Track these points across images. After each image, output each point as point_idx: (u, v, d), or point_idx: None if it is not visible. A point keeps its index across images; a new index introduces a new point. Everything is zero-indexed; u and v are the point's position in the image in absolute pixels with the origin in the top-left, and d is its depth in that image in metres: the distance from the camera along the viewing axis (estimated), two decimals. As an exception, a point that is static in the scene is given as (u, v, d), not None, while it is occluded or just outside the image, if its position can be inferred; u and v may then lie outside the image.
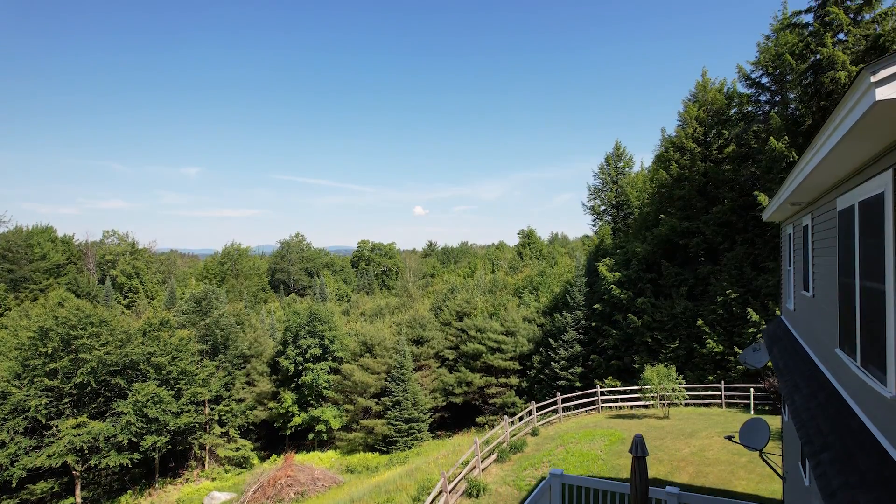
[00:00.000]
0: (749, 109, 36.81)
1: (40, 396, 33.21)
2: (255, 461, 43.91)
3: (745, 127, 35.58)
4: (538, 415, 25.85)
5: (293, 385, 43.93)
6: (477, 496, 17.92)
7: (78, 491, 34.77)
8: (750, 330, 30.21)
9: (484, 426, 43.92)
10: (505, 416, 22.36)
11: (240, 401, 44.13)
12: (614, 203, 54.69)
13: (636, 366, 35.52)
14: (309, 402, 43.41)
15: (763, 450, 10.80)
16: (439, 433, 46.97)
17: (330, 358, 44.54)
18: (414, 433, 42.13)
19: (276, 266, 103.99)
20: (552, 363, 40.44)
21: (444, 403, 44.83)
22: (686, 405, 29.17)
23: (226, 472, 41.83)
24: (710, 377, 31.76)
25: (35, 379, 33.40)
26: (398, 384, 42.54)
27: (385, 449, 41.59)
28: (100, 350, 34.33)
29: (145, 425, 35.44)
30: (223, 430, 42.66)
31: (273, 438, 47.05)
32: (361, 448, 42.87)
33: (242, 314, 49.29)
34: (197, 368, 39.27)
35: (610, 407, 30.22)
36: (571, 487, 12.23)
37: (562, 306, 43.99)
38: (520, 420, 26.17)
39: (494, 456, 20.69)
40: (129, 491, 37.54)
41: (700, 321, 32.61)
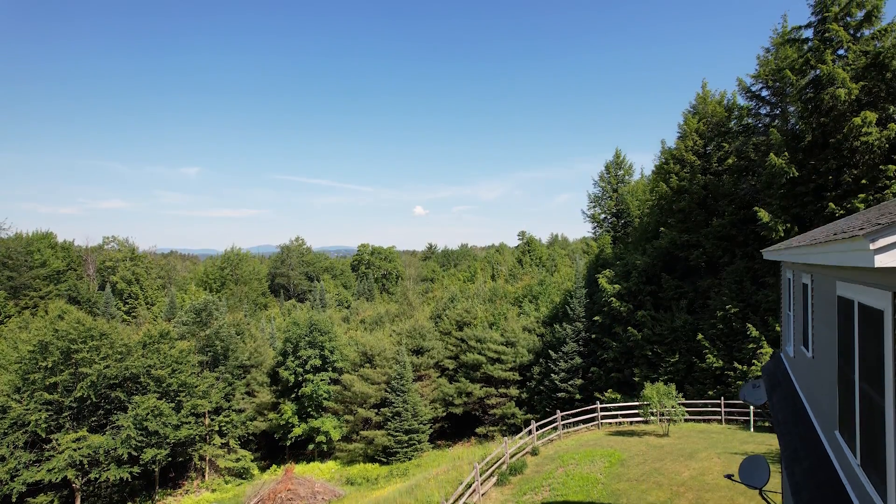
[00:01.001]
0: (749, 122, 36.79)
1: (40, 410, 33.21)
2: (256, 472, 43.91)
3: (745, 140, 35.58)
4: (538, 433, 25.84)
5: (293, 396, 43.93)
6: (477, 522, 17.95)
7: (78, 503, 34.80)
8: (750, 346, 30.22)
9: (484, 437, 43.94)
10: (505, 438, 22.35)
11: (240, 411, 44.11)
12: (614, 211, 54.70)
13: (636, 379, 35.52)
14: (309, 413, 43.40)
15: (763, 488, 10.84)
16: (439, 443, 46.98)
17: (330, 368, 44.53)
18: (414, 444, 42.12)
19: (277, 270, 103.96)
20: (552, 375, 40.44)
21: (444, 414, 44.83)
22: (686, 420, 29.17)
23: (226, 483, 41.82)
24: (710, 392, 31.76)
25: (35, 393, 33.40)
26: (398, 395, 42.53)
27: (385, 460, 41.58)
28: (100, 364, 34.34)
29: (145, 438, 35.44)
30: (223, 441, 42.64)
31: (273, 448, 47.04)
32: (361, 459, 42.86)
33: (242, 323, 49.27)
34: (197, 380, 39.26)
35: (610, 423, 30.23)
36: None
37: (562, 317, 43.99)
38: (519, 436, 26.17)
39: (494, 479, 20.69)
40: (130, 503, 37.55)
41: (700, 335, 32.61)
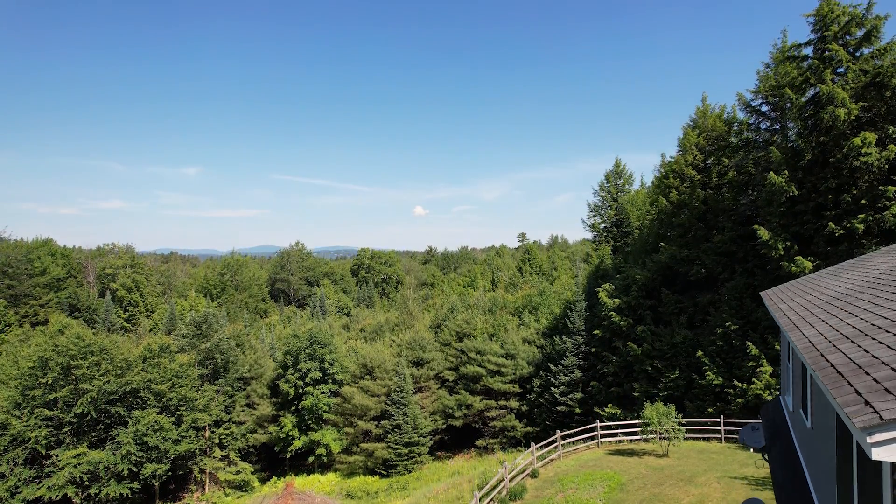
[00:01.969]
0: (749, 135, 36.75)
1: (40, 427, 33.24)
2: (256, 484, 43.91)
3: (745, 155, 35.59)
4: (538, 455, 25.84)
5: (293, 408, 43.95)
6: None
7: (78, 519, 34.79)
8: (749, 364, 30.24)
9: (484, 449, 43.96)
10: (504, 463, 22.37)
11: (240, 423, 44.13)
12: (614, 220, 54.75)
13: (636, 394, 35.55)
14: (309, 426, 43.42)
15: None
16: (439, 454, 46.98)
17: (330, 380, 44.54)
18: (414, 457, 42.12)
19: (277, 276, 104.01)
20: (552, 388, 40.46)
21: (444, 426, 44.83)
22: (686, 438, 29.17)
23: (226, 496, 41.84)
24: (710, 409, 31.78)
25: (35, 409, 33.43)
26: (398, 408, 42.53)
27: (385, 473, 41.59)
28: (100, 380, 34.36)
29: (145, 454, 35.45)
30: (224, 454, 42.66)
31: (273, 460, 47.06)
32: (362, 471, 42.87)
33: (242, 334, 49.30)
34: (197, 394, 39.29)
35: (609, 441, 30.25)
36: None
37: (561, 328, 44.00)
38: (519, 459, 26.18)
39: (494, 505, 20.71)
40: (130, 517, 37.55)
41: (700, 352, 32.63)
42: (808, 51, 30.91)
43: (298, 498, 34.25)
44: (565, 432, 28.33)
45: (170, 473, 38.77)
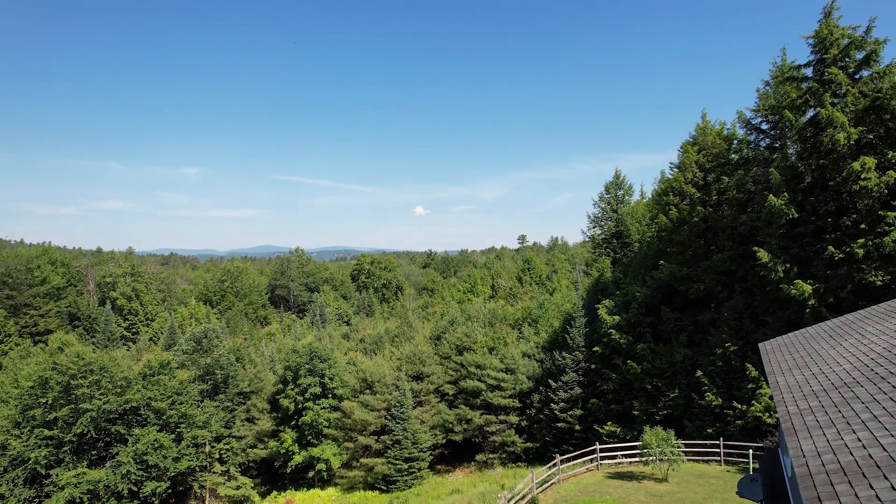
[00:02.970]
0: (749, 154, 36.73)
1: (40, 447, 33.26)
2: (256, 499, 43.95)
3: (745, 173, 35.60)
4: (537, 481, 25.87)
5: (293, 423, 43.98)
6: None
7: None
8: (749, 385, 30.25)
9: (483, 464, 43.99)
10: (503, 494, 22.39)
11: (240, 438, 44.17)
12: (614, 232, 54.76)
13: (636, 412, 35.58)
14: (309, 441, 43.46)
15: None
16: (439, 468, 47.00)
17: (330, 395, 44.58)
18: (414, 472, 42.15)
19: (277, 282, 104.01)
20: (552, 404, 40.47)
21: (444, 441, 44.85)
22: (686, 460, 29.14)
23: (226, 512, 41.90)
24: (710, 430, 31.78)
25: (35, 429, 33.45)
26: (398, 423, 42.57)
27: (385, 488, 41.63)
28: (99, 399, 34.39)
29: (145, 472, 35.49)
30: (224, 468, 42.71)
31: (273, 474, 47.09)
32: (362, 486, 42.92)
33: (242, 347, 49.32)
34: (197, 410, 39.32)
35: (609, 462, 30.24)
36: None
37: (561, 342, 44.00)
38: (518, 488, 26.21)
39: (494, 538, 20.72)
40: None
41: (699, 372, 32.63)
42: (808, 71, 30.89)
43: (298, 517, 34.28)
44: (565, 456, 28.32)
45: (169, 490, 38.82)
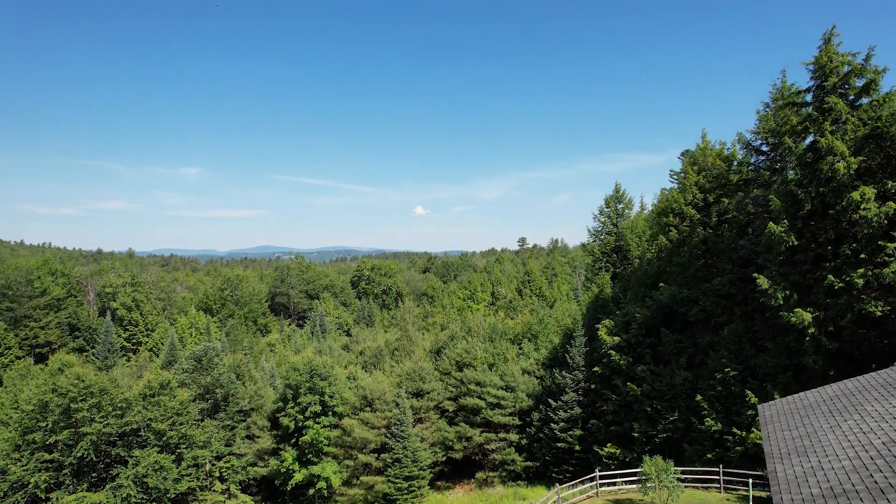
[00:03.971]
0: (749, 175, 36.71)
1: (40, 471, 33.28)
2: (256, 517, 43.98)
3: (745, 196, 35.61)
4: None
5: (293, 441, 44.00)
6: None
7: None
8: (749, 412, 30.26)
9: (484, 482, 44.04)
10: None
11: (240, 456, 44.18)
12: (614, 246, 54.76)
13: (636, 434, 35.63)
14: (309, 460, 43.48)
15: None
16: (439, 484, 47.06)
17: (330, 413, 44.60)
18: (414, 490, 42.16)
19: (277, 290, 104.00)
20: (552, 424, 40.51)
21: (444, 458, 44.90)
22: (686, 487, 29.19)
23: (226, 530, 41.90)
24: (709, 455, 31.82)
25: (35, 452, 33.47)
26: (398, 441, 42.59)
27: (385, 507, 41.67)
28: (100, 423, 34.41)
29: (145, 495, 35.50)
30: (224, 487, 42.72)
31: (273, 491, 47.11)
32: (362, 504, 42.95)
33: (242, 363, 49.34)
34: (198, 431, 39.34)
35: (609, 488, 30.28)
36: None
37: (561, 358, 44.04)
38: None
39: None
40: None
41: (699, 397, 32.65)
42: (808, 97, 30.90)
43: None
44: (564, 485, 28.35)
45: (170, 511, 38.83)
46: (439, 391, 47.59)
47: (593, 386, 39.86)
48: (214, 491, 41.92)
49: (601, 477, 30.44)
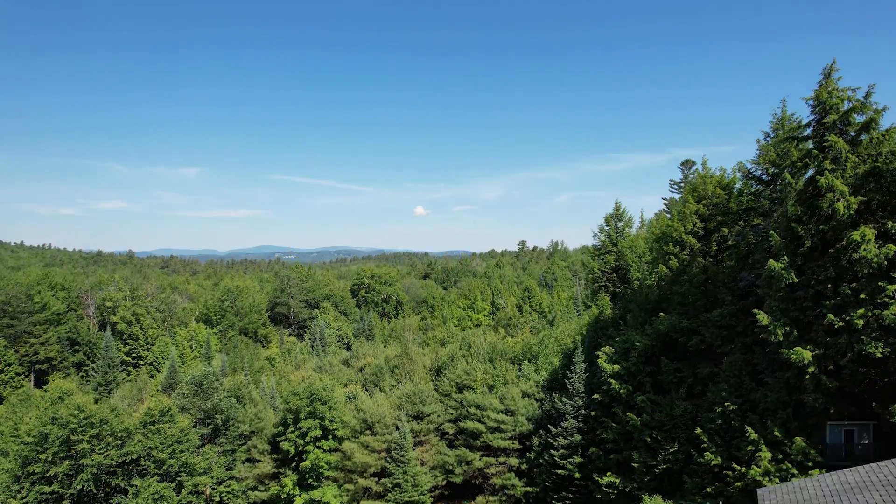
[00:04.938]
0: (750, 204, 36.64)
1: (40, 503, 33.31)
2: (256, 540, 44.02)
3: (745, 226, 35.59)
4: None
5: (293, 465, 44.01)
6: None
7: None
8: (748, 447, 30.23)
9: (484, 507, 44.07)
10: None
11: (241, 479, 44.22)
12: (614, 266, 54.75)
13: (635, 464, 35.61)
14: (310, 484, 43.51)
15: None
16: (439, 506, 47.15)
17: (330, 437, 44.61)
18: (414, 515, 42.26)
19: (277, 300, 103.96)
20: (552, 450, 40.51)
21: (444, 482, 44.95)
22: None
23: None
24: (709, 488, 31.78)
25: (35, 484, 33.49)
26: (398, 465, 42.67)
27: (385, 532, 41.72)
28: (100, 455, 34.44)
29: (146, 525, 35.53)
30: (224, 511, 42.78)
31: (274, 514, 47.14)
32: (362, 529, 43.00)
33: (242, 385, 49.32)
34: (198, 458, 39.37)
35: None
36: None
37: (561, 382, 43.99)
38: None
39: None
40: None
41: (699, 430, 32.61)
42: (808, 131, 30.85)
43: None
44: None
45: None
46: (439, 413, 47.63)
47: (593, 413, 39.83)
48: (215, 516, 41.97)
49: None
